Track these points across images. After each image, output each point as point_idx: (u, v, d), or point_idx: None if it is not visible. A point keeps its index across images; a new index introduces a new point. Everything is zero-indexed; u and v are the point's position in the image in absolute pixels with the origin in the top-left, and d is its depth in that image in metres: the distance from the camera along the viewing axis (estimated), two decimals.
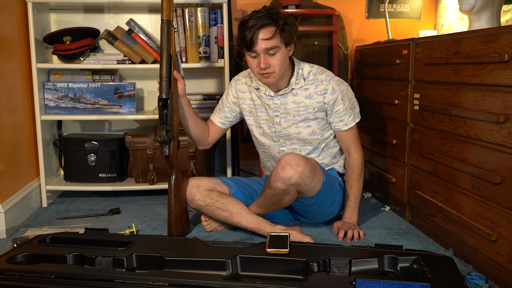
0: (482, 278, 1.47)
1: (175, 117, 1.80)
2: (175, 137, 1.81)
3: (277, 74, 1.74)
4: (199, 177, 1.92)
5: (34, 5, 2.20)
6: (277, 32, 1.68)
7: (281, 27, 1.69)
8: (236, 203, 1.81)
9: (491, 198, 1.45)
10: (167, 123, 1.77)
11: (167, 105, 1.77)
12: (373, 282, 1.25)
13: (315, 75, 1.84)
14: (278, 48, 1.70)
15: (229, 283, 1.28)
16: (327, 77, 1.83)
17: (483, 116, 1.47)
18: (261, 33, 1.67)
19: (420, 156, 1.88)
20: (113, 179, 2.41)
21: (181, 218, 1.84)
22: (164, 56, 1.76)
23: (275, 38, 1.69)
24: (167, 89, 1.77)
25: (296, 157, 1.68)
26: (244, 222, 1.79)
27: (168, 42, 1.76)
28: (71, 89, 2.34)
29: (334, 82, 1.82)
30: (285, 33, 1.71)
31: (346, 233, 1.82)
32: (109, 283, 1.29)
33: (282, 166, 1.68)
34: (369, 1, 2.77)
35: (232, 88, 1.99)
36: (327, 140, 1.92)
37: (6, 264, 1.40)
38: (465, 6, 1.80)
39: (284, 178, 1.67)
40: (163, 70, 1.76)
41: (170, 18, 1.78)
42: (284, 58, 1.74)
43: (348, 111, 1.86)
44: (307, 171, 1.68)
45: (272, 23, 1.68)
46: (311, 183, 1.71)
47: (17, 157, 2.12)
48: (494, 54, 1.41)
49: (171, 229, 1.82)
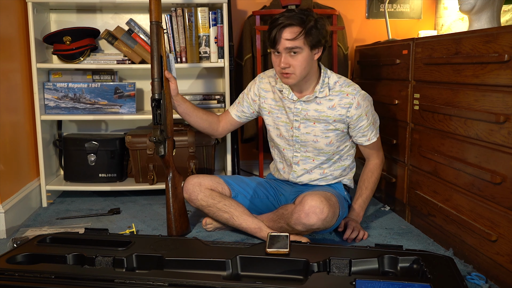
0: (482, 278, 1.47)
1: (168, 116, 1.81)
2: (169, 137, 1.82)
3: (297, 76, 1.72)
4: (200, 175, 1.90)
5: (34, 5, 2.20)
6: (301, 33, 1.66)
7: (307, 29, 1.67)
8: (238, 205, 1.81)
9: (491, 198, 1.45)
10: (161, 123, 1.79)
11: (160, 105, 1.79)
12: (373, 282, 1.25)
13: (341, 86, 1.81)
14: (300, 49, 1.68)
15: (229, 283, 1.28)
16: (353, 91, 1.79)
17: (483, 116, 1.47)
18: (285, 32, 1.67)
19: (420, 156, 1.88)
20: (113, 179, 2.41)
21: (180, 217, 1.84)
22: (155, 57, 1.78)
23: (299, 39, 1.67)
24: (159, 89, 1.78)
25: (321, 204, 1.63)
26: (244, 224, 1.78)
27: (158, 43, 1.78)
28: (71, 89, 2.34)
29: (360, 97, 1.79)
30: (311, 36, 1.68)
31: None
32: (109, 283, 1.29)
33: (306, 212, 1.62)
34: (369, 1, 2.77)
35: (255, 85, 1.96)
36: (341, 152, 1.89)
37: (6, 264, 1.40)
38: (465, 6, 1.80)
39: (307, 224, 1.64)
40: (154, 71, 1.78)
41: (159, 20, 1.80)
42: (306, 61, 1.70)
43: (371, 126, 1.85)
44: (330, 216, 1.65)
45: (298, 24, 1.67)
46: (330, 223, 1.69)
47: (17, 157, 2.12)
48: (494, 54, 1.41)
49: (170, 229, 1.82)
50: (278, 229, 1.75)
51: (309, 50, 1.70)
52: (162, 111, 1.79)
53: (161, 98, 1.78)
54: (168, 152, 1.82)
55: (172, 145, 1.84)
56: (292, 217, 1.66)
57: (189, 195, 1.84)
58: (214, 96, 2.43)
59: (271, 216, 1.80)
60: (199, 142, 2.36)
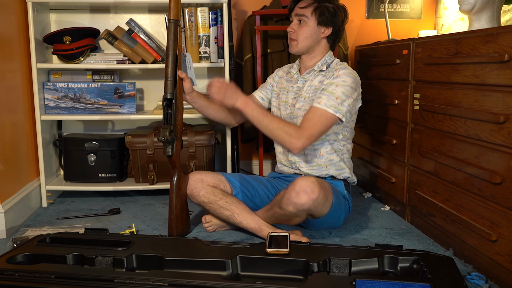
0: (482, 278, 1.47)
1: (179, 117, 1.81)
2: (178, 138, 1.82)
3: (298, 44, 1.85)
4: (202, 171, 1.90)
5: (34, 5, 2.20)
6: (312, 4, 1.82)
7: (319, 4, 1.82)
8: (239, 203, 1.81)
9: (491, 198, 1.45)
10: (171, 123, 1.78)
11: (172, 105, 1.78)
12: (373, 282, 1.25)
13: (337, 65, 1.87)
14: (306, 19, 1.82)
15: (229, 283, 1.28)
16: (342, 67, 1.83)
17: (483, 116, 1.47)
18: (300, 2, 1.85)
19: (420, 156, 1.88)
20: (113, 179, 2.41)
21: (182, 218, 1.84)
22: (170, 56, 1.76)
23: (308, 9, 1.82)
24: (172, 89, 1.77)
25: (312, 183, 1.64)
26: (245, 223, 1.78)
27: (174, 42, 1.77)
28: (71, 89, 2.34)
29: (343, 71, 1.80)
30: (321, 12, 1.81)
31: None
32: (109, 283, 1.29)
33: (296, 191, 1.63)
34: (369, 1, 2.77)
35: (274, 73, 2.08)
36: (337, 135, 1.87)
37: (6, 264, 1.40)
38: (465, 6, 1.80)
39: (297, 204, 1.64)
40: (168, 70, 1.77)
41: (178, 18, 1.79)
42: (310, 31, 1.84)
43: (332, 96, 1.74)
44: (321, 197, 1.65)
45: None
46: (322, 208, 1.70)
47: (17, 157, 2.12)
48: (494, 54, 1.41)
49: (171, 229, 1.82)
50: (271, 217, 1.77)
51: (315, 23, 1.83)
52: (173, 111, 1.78)
53: (173, 98, 1.77)
54: (175, 153, 1.81)
55: (180, 146, 1.83)
56: (283, 198, 1.68)
57: (191, 191, 1.84)
58: None
59: (266, 207, 1.81)
60: (199, 142, 2.36)
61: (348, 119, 1.81)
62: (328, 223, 1.84)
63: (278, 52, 2.56)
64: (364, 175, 2.53)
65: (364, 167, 2.51)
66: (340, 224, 1.91)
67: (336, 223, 1.88)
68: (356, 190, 2.53)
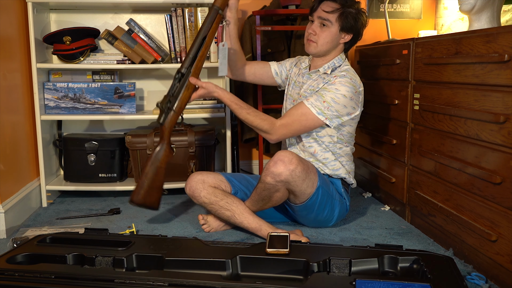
0: (482, 278, 1.47)
1: (185, 93, 1.81)
2: (175, 111, 1.81)
3: (317, 46, 1.84)
4: (203, 172, 1.91)
5: (34, 5, 2.20)
6: (337, 10, 1.80)
7: (345, 10, 1.80)
8: (239, 203, 1.81)
9: (491, 198, 1.45)
10: (173, 95, 1.80)
11: (181, 79, 1.80)
12: (373, 282, 1.25)
13: (341, 71, 1.85)
14: (330, 24, 1.81)
15: (229, 283, 1.28)
16: (342, 74, 1.82)
17: (483, 116, 1.47)
18: (324, 4, 1.82)
19: (420, 156, 1.88)
20: (113, 179, 2.41)
21: (149, 189, 1.79)
22: (198, 38, 1.80)
23: (333, 14, 1.80)
24: (188, 65, 1.80)
25: (290, 154, 1.68)
26: (246, 223, 1.79)
27: (207, 26, 1.80)
28: (71, 89, 2.34)
29: (340, 78, 1.80)
30: (345, 19, 1.80)
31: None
32: (109, 283, 1.29)
33: (274, 161, 1.68)
34: (369, 1, 2.77)
35: (295, 59, 2.10)
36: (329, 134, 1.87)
37: (6, 264, 1.40)
38: (465, 6, 1.80)
39: (275, 173, 1.66)
40: (192, 49, 1.80)
41: (221, 7, 1.82)
42: (331, 37, 1.83)
43: (320, 98, 1.76)
44: (299, 170, 1.67)
45: (338, 2, 1.80)
46: (302, 184, 1.70)
47: (17, 157, 2.12)
48: (494, 54, 1.41)
49: (135, 194, 1.80)
50: (254, 196, 1.78)
51: (338, 29, 1.82)
52: (181, 86, 1.80)
53: (185, 73, 1.79)
54: (166, 124, 1.81)
55: (174, 120, 1.82)
56: (263, 172, 1.71)
57: (192, 192, 1.84)
58: None
59: (252, 194, 1.81)
60: (199, 142, 2.36)
61: (336, 125, 1.81)
62: (318, 216, 1.84)
63: (278, 52, 2.56)
64: (364, 175, 2.53)
65: (364, 167, 2.51)
66: (333, 220, 1.90)
67: (330, 219, 1.88)
68: (356, 190, 2.53)
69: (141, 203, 1.81)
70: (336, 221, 1.92)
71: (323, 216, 1.86)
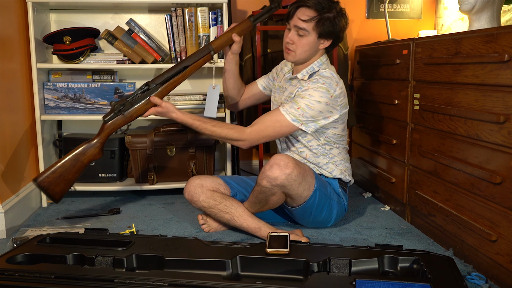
0: (482, 278, 1.47)
1: (142, 106, 1.79)
2: (125, 116, 1.79)
3: (296, 55, 1.81)
4: (201, 176, 1.91)
5: (34, 5, 2.20)
6: (314, 18, 1.74)
7: (321, 17, 1.74)
8: (238, 205, 1.81)
9: (491, 198, 1.45)
10: (129, 101, 1.78)
11: (145, 93, 1.78)
12: (373, 282, 1.25)
13: (318, 74, 1.81)
14: (307, 33, 1.76)
15: (229, 283, 1.28)
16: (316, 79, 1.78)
17: (483, 116, 1.47)
18: (300, 11, 1.76)
19: (420, 156, 1.88)
20: (113, 179, 2.41)
21: (59, 178, 1.72)
22: (180, 65, 1.81)
23: (309, 23, 1.75)
24: (158, 83, 1.78)
25: (286, 158, 1.67)
26: (245, 225, 1.78)
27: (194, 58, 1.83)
28: (71, 89, 2.34)
29: (313, 85, 1.76)
30: (322, 26, 1.75)
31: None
32: (109, 283, 1.29)
33: (270, 165, 1.67)
34: (369, 1, 2.77)
35: (280, 65, 2.06)
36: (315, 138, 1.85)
37: (6, 264, 1.40)
38: (465, 6, 1.80)
39: (270, 177, 1.66)
40: (171, 70, 1.80)
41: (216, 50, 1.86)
42: (309, 45, 1.78)
43: (294, 105, 1.74)
44: (295, 174, 1.66)
45: (315, 9, 1.74)
46: (299, 187, 1.69)
47: (17, 157, 2.12)
48: (494, 54, 1.41)
49: (41, 174, 1.74)
50: (252, 199, 1.77)
51: (316, 37, 1.77)
52: (141, 97, 1.78)
53: (151, 89, 1.78)
54: (110, 124, 1.79)
55: (120, 125, 1.80)
56: (259, 174, 1.70)
57: (191, 196, 1.84)
58: None
59: (250, 196, 1.81)
60: (199, 142, 2.36)
61: (313, 129, 1.77)
62: (316, 217, 1.83)
63: (278, 52, 2.55)
64: (364, 175, 2.53)
65: (364, 167, 2.51)
66: (332, 221, 1.90)
67: (328, 220, 1.88)
68: (356, 190, 2.53)
69: (44, 187, 1.72)
70: (335, 221, 1.92)
71: (321, 217, 1.85)
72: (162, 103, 1.78)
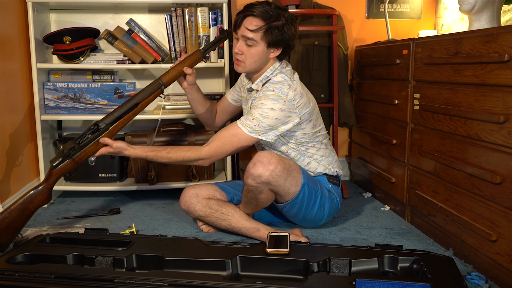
0: (482, 278, 1.47)
1: (92, 147, 1.72)
2: (74, 160, 1.71)
3: (246, 66, 1.76)
4: (196, 185, 1.90)
5: (34, 5, 2.20)
6: (261, 28, 1.69)
7: (269, 26, 1.69)
8: (235, 211, 1.80)
9: (491, 198, 1.45)
10: (80, 145, 1.70)
11: (95, 134, 1.72)
12: (373, 282, 1.25)
13: (271, 84, 1.76)
14: (255, 43, 1.71)
15: (229, 283, 1.28)
16: (266, 88, 1.75)
17: (483, 116, 1.47)
18: (247, 21, 1.71)
19: (420, 156, 1.88)
20: (113, 179, 2.41)
21: (6, 228, 1.62)
22: (131, 102, 1.77)
23: (257, 33, 1.70)
24: (108, 123, 1.73)
25: (269, 155, 1.66)
26: (244, 230, 1.78)
27: (145, 95, 1.79)
28: (71, 89, 2.34)
29: (264, 93, 1.73)
30: (270, 35, 1.70)
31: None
32: (109, 283, 1.29)
33: (253, 162, 1.66)
34: (369, 1, 2.77)
35: (241, 75, 2.03)
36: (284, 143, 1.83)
37: (6, 264, 1.40)
38: (465, 6, 1.80)
39: (254, 175, 1.65)
40: (119, 108, 1.75)
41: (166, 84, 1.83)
42: (258, 55, 1.73)
43: (249, 116, 1.71)
44: (279, 170, 1.64)
45: (262, 18, 1.69)
46: (285, 183, 1.68)
47: (17, 157, 2.12)
48: (494, 54, 1.41)
49: None
50: (244, 200, 1.77)
51: (265, 47, 1.73)
52: (91, 138, 1.72)
53: (101, 129, 1.72)
54: (58, 169, 1.70)
55: (67, 169, 1.72)
56: (245, 173, 1.69)
57: (187, 207, 1.84)
58: (214, 96, 2.43)
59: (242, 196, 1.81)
60: (199, 142, 2.36)
61: (274, 137, 1.72)
62: (308, 214, 1.82)
63: None
64: (364, 175, 2.53)
65: (364, 167, 2.51)
66: (325, 218, 1.88)
67: (320, 217, 1.86)
68: (356, 190, 2.53)
69: None
70: (328, 218, 1.90)
71: (313, 214, 1.83)
72: (113, 144, 1.73)
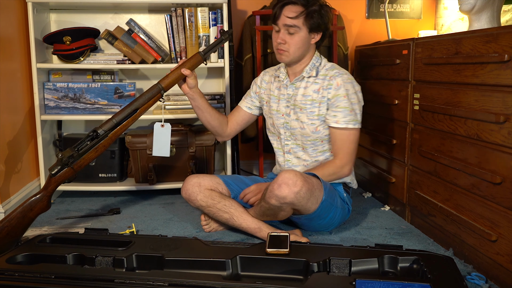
0: (482, 278, 1.47)
1: (91, 154, 1.70)
2: (73, 168, 1.68)
3: (290, 54, 1.79)
4: (199, 174, 1.89)
5: (34, 5, 2.20)
6: (302, 13, 1.73)
7: (309, 10, 1.74)
8: (238, 205, 1.80)
9: (491, 198, 1.45)
10: (78, 152, 1.68)
11: (94, 140, 1.70)
12: (373, 282, 1.25)
13: (327, 70, 1.85)
14: (298, 29, 1.75)
15: (229, 283, 1.28)
16: (336, 73, 1.82)
17: (483, 116, 1.47)
18: (287, 10, 1.74)
19: (420, 156, 1.88)
20: (113, 179, 2.41)
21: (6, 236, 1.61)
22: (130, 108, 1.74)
23: (298, 19, 1.74)
24: (108, 129, 1.71)
25: (294, 176, 1.62)
26: (244, 225, 1.78)
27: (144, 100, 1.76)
28: (71, 89, 2.34)
29: (340, 78, 1.81)
30: (311, 19, 1.75)
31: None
32: (109, 283, 1.29)
33: (278, 183, 1.62)
34: (369, 1, 2.77)
35: (259, 78, 2.03)
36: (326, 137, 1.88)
37: (6, 264, 1.40)
38: (465, 6, 1.80)
39: (279, 196, 1.62)
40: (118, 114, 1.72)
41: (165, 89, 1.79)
42: (302, 41, 1.77)
43: (346, 111, 1.79)
44: (304, 191, 1.62)
45: (301, 4, 1.74)
46: (307, 203, 1.66)
47: (17, 157, 2.12)
48: (494, 54, 1.41)
49: None
50: (260, 212, 1.75)
51: (307, 32, 1.77)
52: (90, 146, 1.69)
53: (100, 136, 1.70)
54: (57, 177, 1.67)
55: (67, 176, 1.69)
56: (267, 191, 1.67)
57: (189, 195, 1.84)
58: (214, 96, 2.43)
59: (256, 207, 1.79)
60: (199, 142, 2.36)
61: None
62: (319, 223, 1.81)
63: None
64: (364, 175, 2.53)
65: (364, 167, 2.51)
66: (334, 225, 1.88)
67: (330, 225, 1.86)
68: (356, 190, 2.53)
69: None
70: (337, 226, 1.91)
71: (323, 224, 1.83)
72: None
